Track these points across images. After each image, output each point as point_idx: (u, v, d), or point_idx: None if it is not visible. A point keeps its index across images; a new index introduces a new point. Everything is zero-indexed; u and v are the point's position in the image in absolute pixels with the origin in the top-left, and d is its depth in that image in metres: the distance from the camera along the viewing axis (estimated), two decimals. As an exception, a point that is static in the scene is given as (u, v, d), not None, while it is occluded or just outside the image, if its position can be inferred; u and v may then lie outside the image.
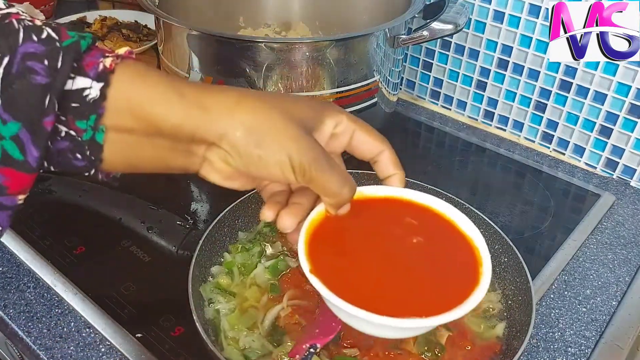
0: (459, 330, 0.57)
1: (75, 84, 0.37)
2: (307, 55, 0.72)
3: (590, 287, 0.69)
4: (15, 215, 0.40)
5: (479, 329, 0.58)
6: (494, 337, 0.57)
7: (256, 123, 0.39)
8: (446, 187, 0.71)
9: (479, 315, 0.59)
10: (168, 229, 0.71)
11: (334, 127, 0.45)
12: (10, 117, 0.36)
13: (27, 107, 0.36)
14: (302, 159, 0.40)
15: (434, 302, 0.42)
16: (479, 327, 0.58)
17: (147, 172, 0.42)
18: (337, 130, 0.45)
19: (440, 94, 1.05)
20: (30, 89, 0.35)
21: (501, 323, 0.58)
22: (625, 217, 0.81)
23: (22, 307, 0.63)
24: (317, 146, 0.41)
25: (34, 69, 0.36)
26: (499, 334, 0.57)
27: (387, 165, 0.47)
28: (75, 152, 0.39)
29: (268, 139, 0.39)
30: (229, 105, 0.39)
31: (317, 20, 1.03)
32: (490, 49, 0.94)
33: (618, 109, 0.84)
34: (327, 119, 0.44)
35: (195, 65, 0.75)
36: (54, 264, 0.67)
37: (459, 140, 0.98)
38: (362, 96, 0.79)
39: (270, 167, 0.40)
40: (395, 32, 0.77)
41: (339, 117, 0.45)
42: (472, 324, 0.58)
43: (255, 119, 0.39)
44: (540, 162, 0.92)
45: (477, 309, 0.59)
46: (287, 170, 0.40)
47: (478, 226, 0.66)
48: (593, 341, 0.63)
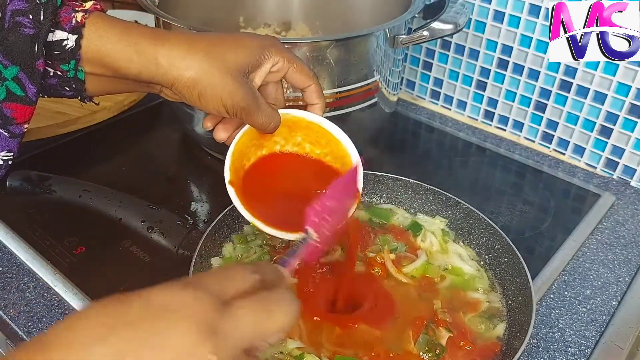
0: (459, 331, 0.57)
1: (55, 36, 0.49)
2: (307, 55, 0.72)
3: (590, 287, 0.69)
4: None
5: (479, 329, 0.58)
6: (495, 338, 0.57)
7: (198, 78, 0.50)
8: (446, 187, 0.71)
9: (480, 316, 0.59)
10: (168, 229, 0.71)
11: (272, 67, 0.54)
12: (10, 63, 0.46)
13: (21, 53, 0.46)
14: (235, 107, 0.51)
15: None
16: (480, 327, 0.58)
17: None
18: (274, 69, 0.55)
19: (440, 94, 1.05)
20: (21, 39, 0.46)
21: (502, 323, 0.58)
22: (625, 218, 0.81)
23: (22, 307, 0.63)
24: (249, 95, 0.52)
25: (22, 22, 0.46)
26: (499, 335, 0.57)
27: (312, 95, 0.59)
28: (64, 86, 0.51)
29: (208, 91, 0.50)
30: (177, 61, 0.50)
31: (317, 20, 1.03)
32: (490, 49, 0.94)
33: (618, 109, 0.84)
34: (266, 62, 0.54)
35: (195, 65, 0.75)
36: (54, 264, 0.67)
37: (459, 140, 0.98)
38: (362, 96, 0.79)
39: (210, 109, 0.52)
40: (395, 32, 0.77)
41: (276, 59, 0.54)
42: (472, 324, 0.58)
43: (197, 74, 0.50)
44: (540, 162, 0.92)
45: (477, 309, 0.59)
46: (223, 112, 0.52)
47: (478, 226, 0.68)
48: (593, 341, 0.63)
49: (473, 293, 0.62)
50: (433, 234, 0.68)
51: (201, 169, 0.89)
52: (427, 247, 0.67)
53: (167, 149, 0.94)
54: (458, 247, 0.68)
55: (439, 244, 0.67)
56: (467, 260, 0.66)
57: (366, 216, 0.71)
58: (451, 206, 0.70)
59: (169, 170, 0.90)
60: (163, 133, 0.97)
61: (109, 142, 0.92)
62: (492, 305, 0.61)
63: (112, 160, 0.88)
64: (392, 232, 0.68)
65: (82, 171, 0.84)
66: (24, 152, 0.87)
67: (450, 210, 0.70)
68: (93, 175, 0.84)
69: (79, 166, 0.85)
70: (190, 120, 0.83)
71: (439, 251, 0.67)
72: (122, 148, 0.91)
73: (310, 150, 0.61)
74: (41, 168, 0.76)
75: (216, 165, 0.88)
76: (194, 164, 0.90)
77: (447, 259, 0.66)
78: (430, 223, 0.70)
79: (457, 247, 0.67)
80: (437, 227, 0.69)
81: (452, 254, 0.66)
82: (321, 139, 0.61)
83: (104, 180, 0.76)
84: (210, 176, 0.88)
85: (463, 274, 0.64)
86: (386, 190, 0.74)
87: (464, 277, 0.64)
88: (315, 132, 0.61)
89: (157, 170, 0.89)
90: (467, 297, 0.61)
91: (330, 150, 0.61)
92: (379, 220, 0.71)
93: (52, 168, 0.76)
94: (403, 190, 0.73)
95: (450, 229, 0.70)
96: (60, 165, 0.84)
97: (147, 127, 0.97)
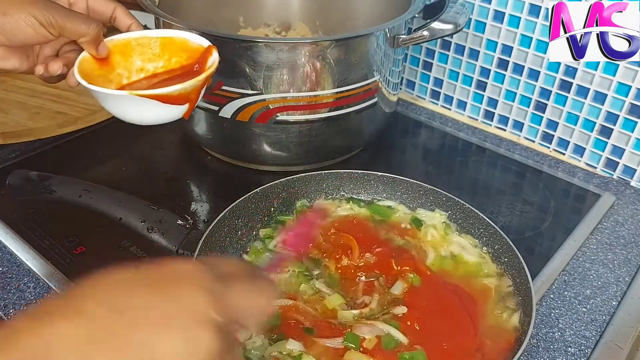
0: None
1: None
2: (307, 55, 0.72)
3: (590, 287, 0.69)
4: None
5: (495, 319, 0.58)
6: (511, 327, 0.57)
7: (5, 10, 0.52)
8: (446, 187, 0.71)
9: (495, 302, 0.60)
10: (168, 229, 0.70)
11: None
12: None
13: None
14: (45, 14, 0.53)
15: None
16: (495, 317, 0.59)
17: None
18: (72, 0, 0.59)
19: (440, 94, 1.05)
20: None
21: (516, 313, 0.59)
22: (625, 217, 0.81)
23: (22, 307, 0.63)
24: (54, 4, 0.54)
25: None
26: (515, 324, 0.58)
27: (123, 17, 0.62)
28: None
29: (11, 9, 0.51)
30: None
31: (317, 20, 1.03)
32: (490, 49, 0.94)
33: (618, 109, 0.84)
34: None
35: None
36: (54, 264, 0.67)
37: (459, 140, 0.98)
38: (362, 96, 0.79)
39: (24, 29, 0.52)
40: (395, 32, 0.77)
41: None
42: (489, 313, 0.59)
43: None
44: (540, 162, 0.92)
45: (493, 294, 0.61)
46: (38, 27, 0.52)
47: (478, 226, 0.68)
48: (593, 341, 0.63)
49: (484, 279, 0.63)
50: (434, 228, 0.69)
51: (201, 169, 0.89)
52: (430, 240, 0.68)
53: (167, 149, 0.94)
54: (460, 238, 0.68)
55: (440, 236, 0.68)
56: (470, 248, 0.67)
57: (367, 213, 0.72)
58: (451, 206, 0.70)
59: (169, 170, 0.90)
60: (163, 133, 0.97)
61: (109, 142, 0.92)
62: (504, 289, 0.62)
63: (112, 160, 0.88)
64: (396, 230, 0.69)
65: (82, 171, 0.84)
66: (24, 152, 0.87)
67: (451, 210, 0.70)
68: (93, 175, 0.84)
69: (79, 166, 0.85)
70: (190, 120, 0.83)
71: (441, 242, 0.68)
72: (122, 148, 0.91)
73: (155, 69, 0.65)
74: (41, 168, 0.76)
75: (216, 165, 0.88)
76: (194, 164, 0.90)
77: (451, 249, 0.67)
78: (431, 217, 0.71)
79: (459, 239, 0.68)
80: (438, 220, 0.70)
81: (455, 245, 0.67)
82: (157, 50, 0.65)
83: (104, 180, 0.76)
84: (210, 176, 0.88)
85: (468, 262, 0.65)
86: (386, 190, 0.74)
87: (471, 264, 0.65)
88: (148, 45, 0.64)
89: (157, 170, 0.89)
90: (479, 284, 0.62)
91: (174, 53, 0.65)
92: (379, 217, 0.71)
93: (52, 168, 0.76)
94: (403, 190, 0.73)
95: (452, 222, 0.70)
96: (60, 165, 0.84)
97: (147, 127, 0.96)
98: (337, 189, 0.74)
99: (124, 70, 0.64)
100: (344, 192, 0.74)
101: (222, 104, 0.76)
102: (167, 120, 0.62)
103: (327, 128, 0.79)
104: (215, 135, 0.83)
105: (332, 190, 0.74)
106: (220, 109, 0.77)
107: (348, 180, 0.74)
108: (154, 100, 0.57)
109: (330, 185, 0.74)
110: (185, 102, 0.60)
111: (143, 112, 0.60)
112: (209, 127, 0.82)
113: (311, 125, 0.78)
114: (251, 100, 0.75)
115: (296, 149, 0.81)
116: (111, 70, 0.63)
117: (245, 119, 0.76)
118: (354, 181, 0.74)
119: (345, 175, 0.74)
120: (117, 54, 0.63)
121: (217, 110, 0.77)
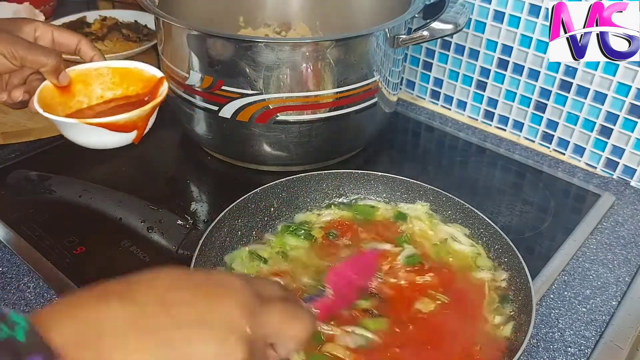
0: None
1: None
2: (307, 55, 0.72)
3: (590, 287, 0.69)
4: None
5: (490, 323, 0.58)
6: (503, 337, 0.57)
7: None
8: (446, 187, 0.71)
9: (492, 302, 0.60)
10: (168, 229, 0.70)
11: (35, 32, 0.65)
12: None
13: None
14: (8, 47, 0.60)
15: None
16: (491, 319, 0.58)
17: None
18: (38, 34, 0.65)
19: (440, 94, 1.05)
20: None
21: (510, 323, 0.58)
22: (625, 218, 0.81)
23: (22, 307, 0.63)
24: (17, 38, 0.62)
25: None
26: (507, 335, 0.57)
27: (87, 49, 0.69)
28: None
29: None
30: None
31: (317, 20, 1.03)
32: (490, 49, 0.94)
33: (618, 109, 0.84)
34: (25, 26, 0.64)
35: (195, 65, 0.75)
36: (54, 264, 0.67)
37: (459, 140, 0.98)
38: (362, 96, 0.79)
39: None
40: (395, 32, 0.77)
41: (35, 24, 0.66)
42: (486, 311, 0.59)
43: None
44: (540, 162, 0.92)
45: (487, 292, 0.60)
46: (1, 59, 0.59)
47: (478, 226, 0.68)
48: (593, 341, 0.63)
49: (477, 273, 0.63)
50: (419, 219, 0.70)
51: (201, 169, 0.89)
52: (416, 231, 0.69)
53: (167, 149, 0.94)
54: (448, 227, 0.69)
55: (426, 226, 0.69)
56: (461, 237, 0.67)
57: (349, 214, 0.72)
58: (451, 206, 0.70)
59: (169, 170, 0.90)
60: (163, 133, 0.97)
61: (109, 142, 0.91)
62: (499, 285, 0.62)
63: (112, 160, 0.88)
64: (379, 227, 0.69)
65: (82, 171, 0.84)
66: (24, 152, 0.87)
67: (450, 210, 0.70)
68: (93, 175, 0.84)
69: (79, 166, 0.84)
70: (190, 120, 0.83)
71: (430, 231, 0.68)
72: (122, 148, 0.91)
73: (113, 96, 0.73)
74: (41, 168, 0.76)
75: (216, 166, 0.88)
76: (194, 164, 0.90)
77: (441, 237, 0.68)
78: (413, 209, 0.71)
79: (447, 228, 0.68)
80: (421, 211, 0.71)
81: (444, 235, 0.68)
82: (116, 79, 0.72)
83: (104, 180, 0.76)
84: (210, 176, 0.88)
85: (461, 254, 0.65)
86: (386, 190, 0.74)
87: (465, 257, 0.65)
88: (108, 75, 0.72)
89: (157, 170, 0.89)
90: (473, 278, 0.62)
91: (131, 82, 0.72)
92: (362, 217, 0.71)
93: (52, 168, 0.76)
94: (403, 190, 0.73)
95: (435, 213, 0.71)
96: (60, 165, 0.84)
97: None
98: (337, 189, 0.74)
99: (85, 97, 0.71)
100: (344, 192, 0.74)
101: (222, 104, 0.76)
102: (116, 145, 0.69)
103: (327, 128, 0.79)
104: (215, 135, 0.83)
105: (332, 190, 0.74)
106: (220, 109, 0.77)
107: (348, 180, 0.74)
108: (102, 128, 0.64)
109: (330, 185, 0.74)
110: (133, 129, 0.68)
111: (93, 138, 0.67)
112: (209, 127, 0.82)
113: (311, 125, 0.78)
114: (251, 100, 0.75)
115: (296, 149, 0.81)
116: (72, 97, 0.70)
117: (245, 119, 0.77)
118: (354, 181, 0.74)
119: (345, 175, 0.74)
120: (78, 82, 0.70)
121: (217, 110, 0.77)
